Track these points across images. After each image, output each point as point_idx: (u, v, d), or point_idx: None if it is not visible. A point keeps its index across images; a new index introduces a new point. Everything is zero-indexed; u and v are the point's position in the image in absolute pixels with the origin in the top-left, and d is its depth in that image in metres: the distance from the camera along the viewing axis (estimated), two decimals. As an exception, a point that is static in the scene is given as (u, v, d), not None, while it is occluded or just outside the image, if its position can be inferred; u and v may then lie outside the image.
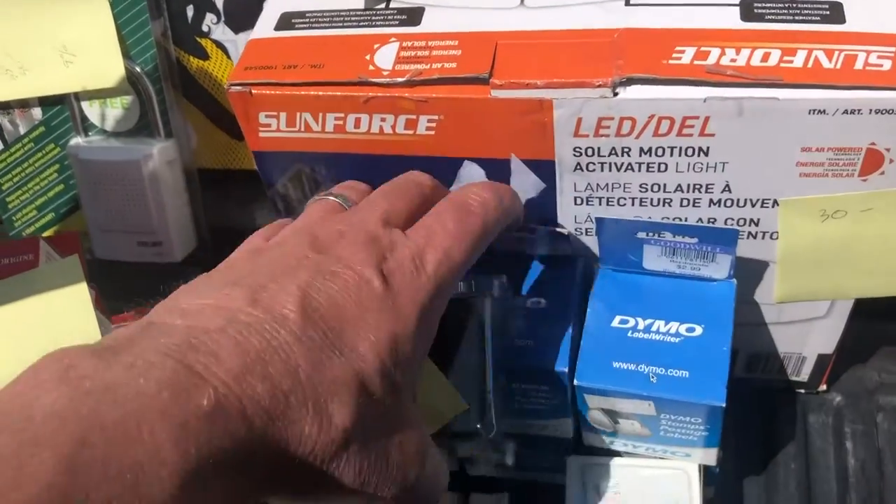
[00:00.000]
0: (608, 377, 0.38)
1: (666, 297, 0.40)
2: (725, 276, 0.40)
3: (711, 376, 0.37)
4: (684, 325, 0.39)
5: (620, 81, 0.35)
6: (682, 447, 0.41)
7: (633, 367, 0.38)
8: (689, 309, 0.40)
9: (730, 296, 0.40)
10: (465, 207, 0.36)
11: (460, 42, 0.38)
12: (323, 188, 0.40)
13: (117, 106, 0.60)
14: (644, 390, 0.38)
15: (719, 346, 0.38)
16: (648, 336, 0.39)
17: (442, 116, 0.38)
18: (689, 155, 0.37)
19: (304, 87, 0.38)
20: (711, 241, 0.38)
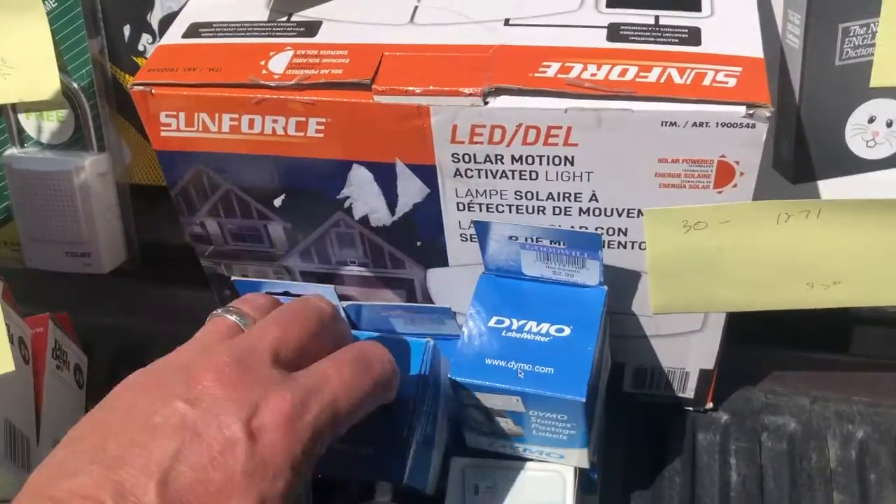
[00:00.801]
0: (480, 372, 0.40)
1: (541, 301, 0.42)
2: (596, 282, 0.42)
3: (574, 373, 0.39)
4: (554, 325, 0.41)
5: (489, 91, 0.38)
6: (555, 447, 0.43)
7: (504, 363, 0.40)
8: (560, 311, 0.42)
9: (599, 299, 0.42)
10: (368, 363, 0.35)
11: (350, 52, 0.41)
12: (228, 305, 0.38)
13: (53, 119, 0.63)
14: (511, 385, 0.39)
15: (584, 346, 0.40)
16: (520, 335, 0.41)
17: (330, 119, 0.40)
18: (557, 164, 0.40)
19: (201, 89, 0.40)
20: (578, 246, 0.40)
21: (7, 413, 0.47)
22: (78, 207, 0.63)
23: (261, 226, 0.46)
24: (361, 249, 0.46)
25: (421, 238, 0.44)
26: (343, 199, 0.44)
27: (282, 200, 0.44)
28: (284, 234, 0.46)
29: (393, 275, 0.47)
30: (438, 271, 0.46)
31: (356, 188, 0.43)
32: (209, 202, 0.45)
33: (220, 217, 0.46)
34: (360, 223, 0.44)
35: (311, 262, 0.48)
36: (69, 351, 0.56)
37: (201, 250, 0.48)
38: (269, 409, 0.31)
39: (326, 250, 0.47)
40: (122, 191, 0.65)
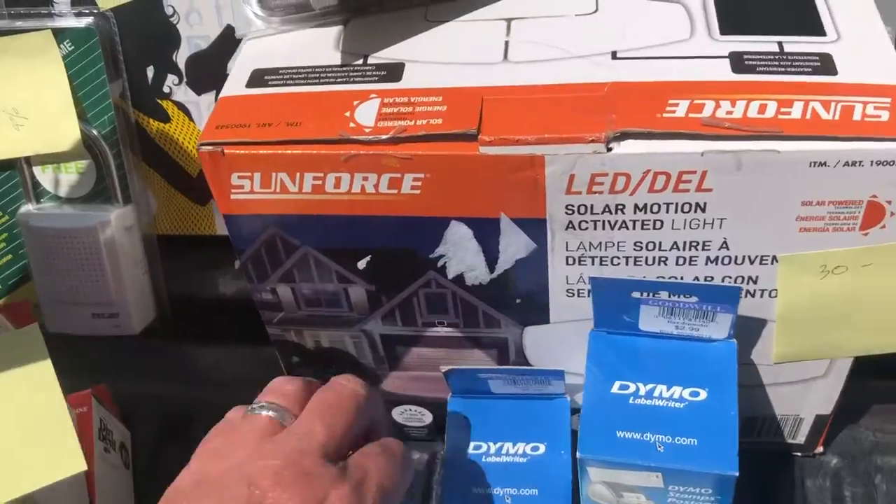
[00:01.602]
0: (613, 448, 0.36)
1: (664, 360, 0.38)
2: (725, 335, 0.38)
3: (721, 444, 0.35)
4: (687, 389, 0.37)
5: (614, 136, 0.34)
6: None
7: (639, 436, 0.36)
8: (690, 372, 0.38)
9: (731, 356, 0.38)
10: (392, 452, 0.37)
11: (444, 98, 0.36)
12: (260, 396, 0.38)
13: (72, 171, 0.58)
14: (652, 461, 0.35)
15: (726, 411, 0.36)
16: (651, 402, 0.37)
17: (428, 174, 0.36)
18: (686, 211, 0.36)
19: (280, 146, 0.36)
20: (712, 299, 0.36)
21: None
22: (104, 265, 0.58)
23: (340, 290, 0.42)
24: (453, 309, 0.42)
25: (521, 295, 0.40)
26: (436, 257, 0.39)
27: (366, 262, 0.40)
28: (366, 297, 0.42)
29: (485, 334, 0.43)
30: (536, 329, 0.42)
31: (452, 246, 0.39)
32: (283, 267, 0.41)
33: (295, 282, 0.42)
34: (454, 282, 0.40)
35: (394, 325, 0.43)
36: (114, 430, 0.51)
37: (269, 317, 0.44)
38: None
39: (413, 312, 0.42)
40: (150, 243, 0.60)
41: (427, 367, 0.46)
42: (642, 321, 0.39)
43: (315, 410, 0.36)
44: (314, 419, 0.35)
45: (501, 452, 0.42)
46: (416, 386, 0.47)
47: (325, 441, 0.34)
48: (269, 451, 0.33)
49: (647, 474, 0.36)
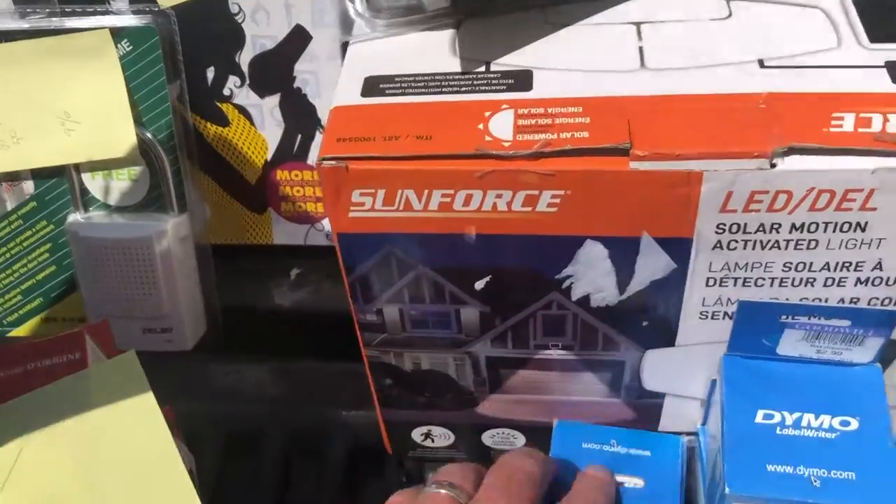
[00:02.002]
0: (764, 483, 0.34)
1: (806, 386, 0.36)
2: (869, 359, 0.36)
3: (882, 477, 0.33)
4: (836, 418, 0.35)
5: (781, 152, 0.32)
6: None
7: (791, 469, 0.34)
8: (836, 399, 0.36)
9: (878, 382, 0.36)
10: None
11: (585, 108, 0.34)
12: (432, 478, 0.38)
13: (123, 178, 0.54)
14: (809, 497, 0.33)
15: (882, 441, 0.34)
16: (800, 433, 0.35)
17: (569, 191, 0.33)
18: (845, 231, 0.34)
19: (410, 162, 0.33)
20: (865, 323, 0.34)
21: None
22: (158, 277, 0.55)
23: (452, 311, 0.39)
24: (570, 332, 0.39)
25: (649, 317, 0.38)
26: (563, 278, 0.37)
27: (485, 282, 0.37)
28: (479, 319, 0.39)
29: (601, 358, 0.41)
30: (658, 352, 0.40)
31: (583, 266, 0.36)
32: (394, 288, 0.38)
33: (404, 303, 0.39)
34: (578, 304, 0.38)
35: (504, 348, 0.41)
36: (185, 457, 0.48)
37: (370, 339, 0.41)
38: None
39: (526, 334, 0.40)
40: (203, 254, 0.57)
41: (530, 390, 0.43)
42: (782, 345, 0.37)
43: (495, 486, 0.36)
44: (494, 493, 0.36)
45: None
46: (515, 409, 0.45)
47: None
48: None
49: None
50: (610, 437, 0.43)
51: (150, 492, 0.33)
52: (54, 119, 0.52)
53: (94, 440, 0.34)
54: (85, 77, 0.51)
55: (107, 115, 0.52)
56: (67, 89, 0.51)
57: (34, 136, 0.52)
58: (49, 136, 0.52)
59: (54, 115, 0.52)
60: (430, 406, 0.45)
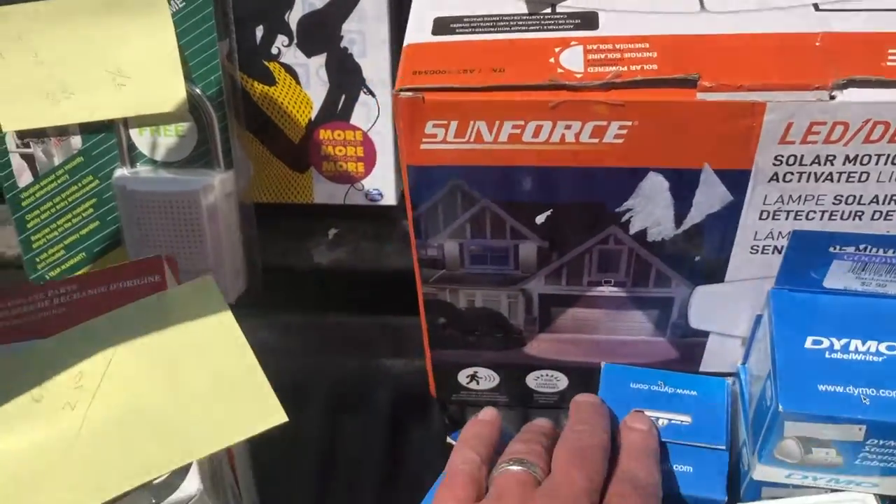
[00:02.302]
0: (816, 401, 0.35)
1: (854, 316, 0.38)
2: None
3: None
4: (883, 343, 0.37)
5: (841, 84, 0.33)
6: (871, 476, 0.38)
7: (841, 389, 0.36)
8: (882, 327, 0.38)
9: None
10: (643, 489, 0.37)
11: (651, 45, 0.36)
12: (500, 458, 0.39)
13: (171, 134, 0.56)
14: (858, 413, 0.35)
15: None
16: (848, 356, 0.37)
17: (636, 122, 0.35)
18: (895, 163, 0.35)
19: (484, 93, 0.35)
20: None
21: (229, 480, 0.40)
22: (204, 231, 0.56)
23: (511, 246, 0.41)
24: (624, 268, 0.41)
25: (703, 252, 0.40)
26: (623, 211, 0.39)
27: (546, 216, 0.39)
28: (536, 255, 0.41)
29: (652, 294, 0.42)
30: (708, 288, 0.41)
31: (643, 199, 0.38)
32: (457, 222, 0.40)
33: (465, 238, 0.40)
34: (635, 238, 0.39)
35: (558, 285, 0.42)
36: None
37: (427, 275, 0.43)
38: None
39: (581, 270, 0.41)
40: (246, 211, 0.58)
41: (578, 329, 0.45)
42: (829, 278, 0.38)
43: (566, 460, 0.37)
44: (570, 468, 0.36)
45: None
46: (562, 349, 0.46)
47: (588, 487, 0.35)
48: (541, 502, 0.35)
49: (850, 427, 0.36)
50: (657, 379, 0.44)
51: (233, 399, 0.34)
52: (106, 74, 0.53)
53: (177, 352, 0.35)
54: (137, 32, 0.52)
55: (158, 71, 0.53)
56: (120, 45, 0.53)
57: (85, 91, 0.53)
58: (100, 91, 0.53)
59: (106, 70, 0.53)
60: (479, 346, 0.47)
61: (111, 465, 0.31)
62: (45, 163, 0.57)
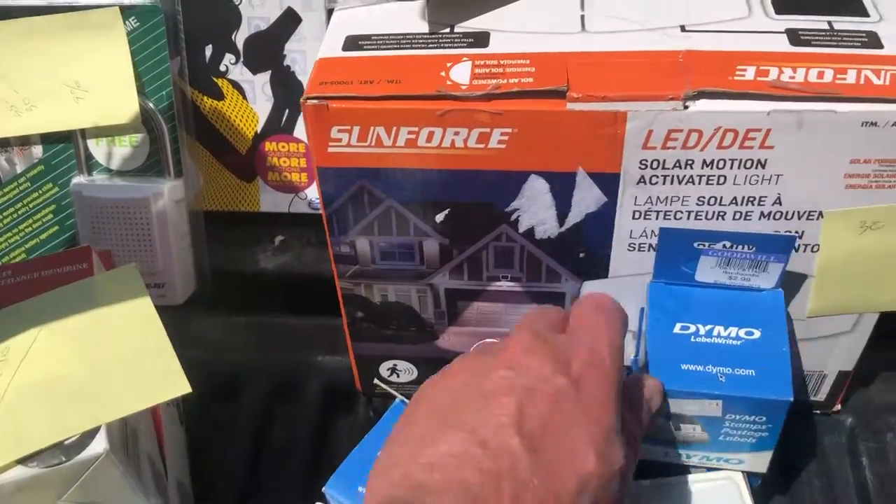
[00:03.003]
0: (678, 378, 0.39)
1: (720, 306, 0.42)
2: (773, 285, 0.42)
3: (776, 374, 0.39)
4: (742, 329, 0.41)
5: (692, 95, 0.38)
6: (738, 452, 0.42)
7: (701, 368, 0.40)
8: (743, 315, 0.42)
9: (779, 302, 0.42)
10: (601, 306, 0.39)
11: (532, 61, 0.40)
12: None
13: (125, 144, 0.60)
14: (714, 389, 0.39)
15: (779, 347, 0.40)
16: (710, 340, 0.41)
17: (515, 129, 0.39)
18: (748, 167, 0.40)
19: (380, 101, 0.39)
20: (768, 249, 0.40)
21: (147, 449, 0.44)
22: (154, 236, 0.60)
23: (416, 242, 0.45)
24: (518, 263, 0.45)
25: (585, 249, 0.44)
26: (511, 211, 0.43)
27: (444, 215, 0.43)
28: (439, 251, 0.45)
29: (545, 289, 0.46)
30: (594, 283, 0.46)
31: (528, 200, 0.42)
32: (365, 220, 0.44)
33: (374, 235, 0.45)
34: (524, 236, 0.44)
35: (460, 280, 0.46)
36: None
37: (343, 271, 0.47)
38: (576, 361, 0.35)
39: (480, 266, 0.46)
40: (196, 217, 0.63)
41: (484, 322, 0.49)
42: (699, 272, 0.43)
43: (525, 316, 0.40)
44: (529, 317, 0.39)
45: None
46: (471, 342, 0.50)
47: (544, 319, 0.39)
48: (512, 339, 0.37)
49: (709, 402, 0.40)
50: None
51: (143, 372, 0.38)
52: (65, 88, 0.57)
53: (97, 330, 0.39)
54: (94, 50, 0.57)
55: (113, 86, 0.57)
56: (78, 61, 0.57)
57: (46, 104, 0.57)
58: (59, 104, 0.57)
59: (65, 84, 0.57)
60: (396, 339, 0.51)
61: (29, 426, 0.35)
62: (8, 171, 0.61)
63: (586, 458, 0.33)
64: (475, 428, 0.33)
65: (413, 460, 0.33)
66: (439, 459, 0.32)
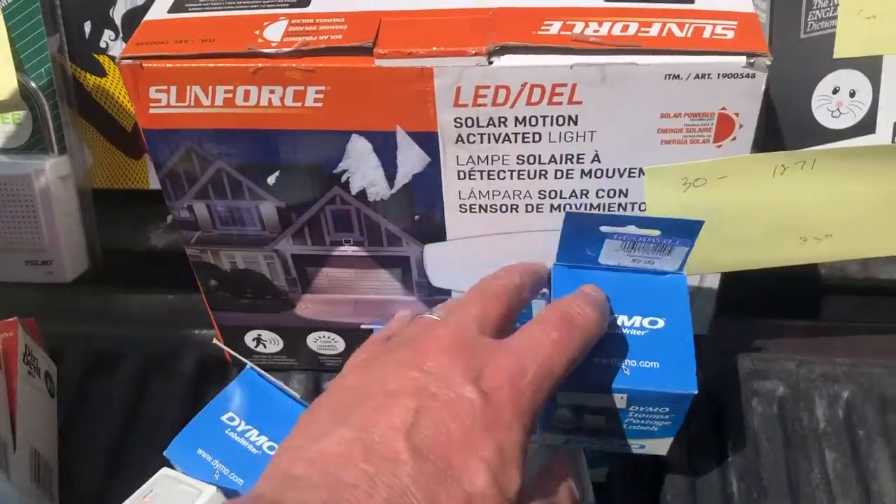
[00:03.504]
0: (584, 372, 0.38)
1: (623, 292, 0.41)
2: (677, 267, 0.42)
3: (681, 366, 0.38)
4: (646, 318, 0.40)
5: (494, 50, 0.38)
6: (640, 439, 0.42)
7: (606, 360, 0.39)
8: (646, 302, 0.41)
9: (682, 287, 0.41)
10: (570, 321, 0.37)
11: (346, 19, 0.40)
12: None
13: (8, 122, 0.60)
14: (619, 383, 0.39)
15: (683, 336, 0.40)
16: (615, 331, 0.40)
17: (329, 87, 0.39)
18: (560, 124, 0.40)
19: (194, 60, 0.39)
20: (674, 234, 0.39)
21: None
22: (38, 213, 0.60)
23: (252, 206, 0.45)
24: (357, 227, 0.45)
25: (419, 211, 0.44)
26: (340, 173, 0.43)
27: (275, 178, 0.43)
28: (277, 215, 0.45)
29: (389, 253, 0.46)
30: (435, 247, 0.46)
31: (354, 160, 0.42)
32: (198, 183, 0.44)
33: (210, 199, 0.45)
34: (357, 198, 0.44)
35: (304, 245, 0.47)
36: (39, 357, 0.54)
37: (187, 237, 0.47)
38: (494, 372, 0.34)
39: (321, 230, 0.46)
40: (84, 196, 0.63)
41: (337, 289, 0.49)
42: (603, 255, 0.41)
43: (469, 293, 0.38)
44: (468, 303, 0.37)
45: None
46: (328, 310, 0.50)
47: (481, 319, 0.36)
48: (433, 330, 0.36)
49: (614, 396, 0.39)
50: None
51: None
52: (-60, 65, 0.58)
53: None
54: (-31, 26, 0.57)
55: (-10, 63, 0.57)
56: (-49, 38, 0.57)
57: (-80, 81, 0.57)
58: (-64, 81, 0.57)
59: (-60, 61, 0.58)
60: (255, 309, 0.51)
61: None
62: None
63: (475, 477, 0.31)
64: (366, 427, 0.32)
65: (298, 453, 0.32)
66: (321, 455, 0.31)
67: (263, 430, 0.45)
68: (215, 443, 0.44)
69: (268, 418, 0.45)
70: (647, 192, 0.42)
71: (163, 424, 0.54)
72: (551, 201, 0.43)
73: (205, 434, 0.45)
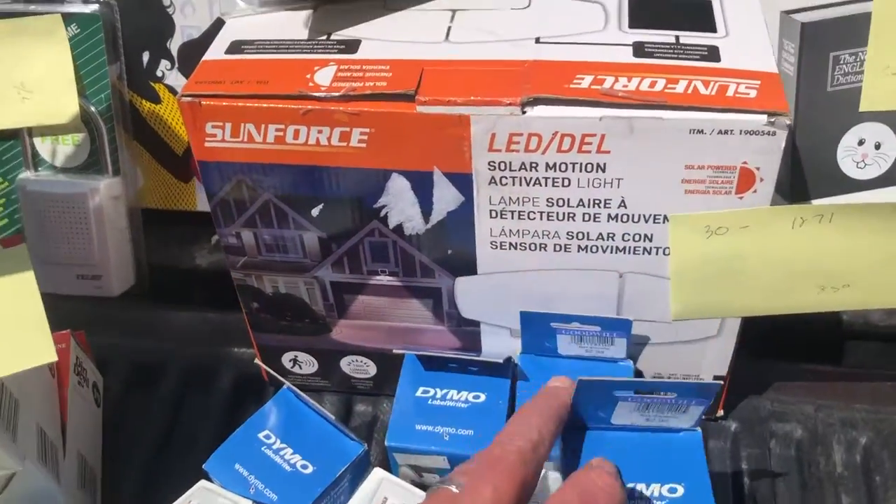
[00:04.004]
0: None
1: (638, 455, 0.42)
2: (691, 425, 0.43)
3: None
4: (665, 486, 0.41)
5: (528, 101, 0.40)
6: None
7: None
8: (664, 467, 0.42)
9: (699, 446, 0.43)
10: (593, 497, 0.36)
11: (391, 67, 0.43)
12: None
13: (68, 143, 0.64)
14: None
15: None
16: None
17: (373, 129, 0.42)
18: (589, 171, 0.42)
19: (249, 100, 0.42)
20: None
21: (40, 421, 0.47)
22: (91, 230, 0.64)
23: (296, 235, 0.48)
24: (393, 259, 0.48)
25: (452, 246, 0.46)
26: (379, 207, 0.45)
27: (319, 210, 0.46)
28: (318, 244, 0.48)
29: (422, 284, 0.49)
30: (466, 280, 0.48)
31: (393, 197, 0.45)
32: (247, 212, 0.47)
33: (257, 227, 0.48)
34: (394, 232, 0.46)
35: (343, 273, 0.49)
36: (88, 369, 0.57)
37: (233, 262, 0.50)
38: None
39: (359, 260, 0.48)
40: (134, 215, 0.66)
41: (371, 315, 0.51)
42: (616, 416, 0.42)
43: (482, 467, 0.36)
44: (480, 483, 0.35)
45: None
46: (362, 335, 0.53)
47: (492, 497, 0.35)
48: None
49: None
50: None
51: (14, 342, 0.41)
52: (11, 89, 0.61)
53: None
54: (39, 54, 0.61)
55: (56, 88, 0.61)
56: (24, 64, 0.61)
57: (-6, 104, 0.61)
58: (6, 104, 0.61)
59: (11, 85, 0.61)
60: (293, 331, 0.53)
61: None
62: (-39, 166, 0.65)
63: None
64: None
65: None
66: None
67: (298, 448, 0.47)
68: (252, 459, 0.47)
69: (302, 437, 0.47)
70: (672, 237, 0.44)
71: (200, 438, 0.56)
72: (578, 242, 0.45)
73: (242, 450, 0.48)
